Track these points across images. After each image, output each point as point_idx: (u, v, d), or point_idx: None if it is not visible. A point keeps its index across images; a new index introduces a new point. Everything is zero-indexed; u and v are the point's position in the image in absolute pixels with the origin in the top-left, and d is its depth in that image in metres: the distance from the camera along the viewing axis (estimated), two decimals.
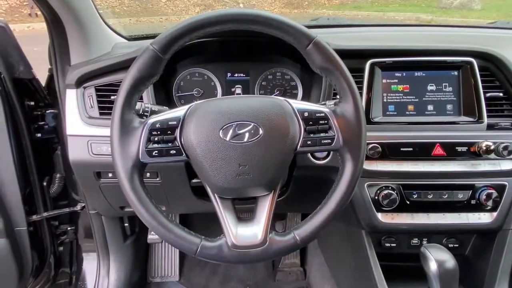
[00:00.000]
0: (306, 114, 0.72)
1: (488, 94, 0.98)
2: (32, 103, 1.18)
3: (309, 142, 0.71)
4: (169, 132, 0.69)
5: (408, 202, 0.96)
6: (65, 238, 1.41)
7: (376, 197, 0.96)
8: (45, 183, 1.27)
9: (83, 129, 0.96)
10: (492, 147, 0.93)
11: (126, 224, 1.39)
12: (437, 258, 0.83)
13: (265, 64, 1.11)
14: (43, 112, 1.22)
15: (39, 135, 1.22)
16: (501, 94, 0.99)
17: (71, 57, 1.04)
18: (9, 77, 1.07)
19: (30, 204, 1.23)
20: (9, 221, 1.16)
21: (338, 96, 0.92)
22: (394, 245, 1.07)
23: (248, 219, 0.74)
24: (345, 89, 0.71)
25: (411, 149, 0.95)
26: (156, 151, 0.69)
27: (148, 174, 1.01)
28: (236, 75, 1.11)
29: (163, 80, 1.07)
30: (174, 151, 0.70)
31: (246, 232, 0.71)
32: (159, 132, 0.69)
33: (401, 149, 0.95)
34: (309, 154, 0.96)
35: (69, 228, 1.40)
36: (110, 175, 1.01)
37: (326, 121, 0.71)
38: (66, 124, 0.97)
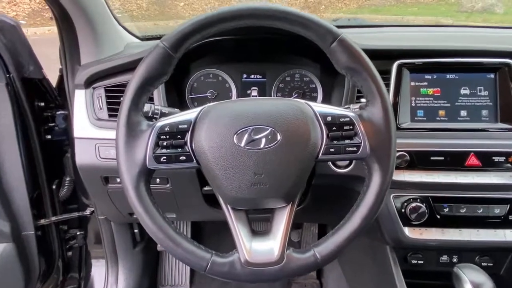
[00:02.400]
0: (329, 118, 0.65)
1: None
2: (42, 104, 1.14)
3: (332, 150, 0.64)
4: (179, 136, 0.64)
5: (438, 217, 0.88)
6: (74, 243, 1.38)
7: (403, 210, 0.88)
8: (54, 186, 1.24)
9: (91, 132, 0.92)
10: None
11: (135, 231, 1.34)
12: (473, 280, 0.75)
13: (283, 65, 1.05)
14: (53, 113, 1.18)
15: (49, 137, 1.18)
16: None
17: (81, 56, 1.00)
18: (19, 76, 1.04)
19: (38, 208, 1.19)
20: (16, 225, 1.12)
21: (362, 100, 0.86)
22: (422, 262, 0.99)
23: (264, 233, 0.67)
24: (373, 91, 0.64)
25: (442, 158, 0.87)
26: (165, 157, 0.63)
27: (157, 180, 0.95)
28: (252, 76, 1.05)
29: (175, 81, 1.02)
30: (184, 157, 0.64)
31: (261, 247, 0.65)
32: (168, 136, 0.64)
33: (431, 158, 0.87)
34: (330, 162, 0.89)
35: (78, 233, 1.36)
36: (118, 180, 0.96)
37: (351, 127, 0.64)
38: (74, 126, 0.93)
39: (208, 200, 1.01)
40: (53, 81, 1.16)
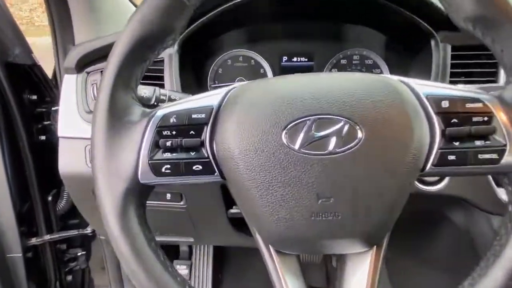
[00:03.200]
0: (445, 103, 0.38)
1: None
2: (34, 97, 0.94)
3: (452, 158, 0.38)
4: (192, 132, 0.39)
5: None
6: (75, 265, 1.16)
7: None
8: (50, 198, 1.02)
9: (80, 129, 0.69)
10: None
11: None
12: None
13: (335, 43, 0.79)
14: (49, 109, 0.97)
15: (43, 137, 0.97)
16: None
17: (75, 35, 0.79)
18: (1, 61, 0.83)
19: (29, 225, 0.98)
20: None
21: (460, 86, 0.57)
22: None
23: None
24: None
25: None
26: (169, 166, 0.39)
27: (168, 196, 0.71)
28: (294, 59, 0.80)
29: (195, 65, 0.78)
30: (200, 167, 0.39)
31: None
32: (174, 132, 0.39)
33: None
34: None
35: (79, 254, 1.14)
36: None
37: (486, 118, 0.37)
38: (58, 121, 0.70)
39: (235, 224, 0.75)
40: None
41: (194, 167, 0.39)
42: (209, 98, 0.41)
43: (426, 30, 0.65)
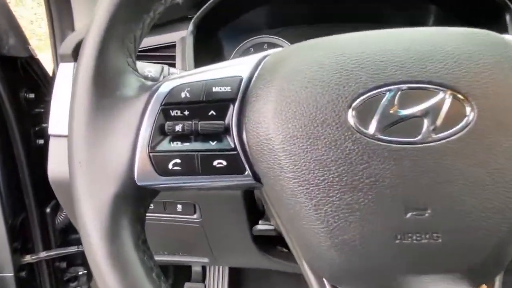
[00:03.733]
0: None
1: None
2: (32, 95, 0.84)
3: None
4: (212, 112, 0.27)
5: None
6: (75, 286, 1.04)
7: None
8: (48, 210, 0.92)
9: None
10: None
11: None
12: None
13: (377, 27, 0.66)
14: (48, 109, 0.87)
15: (41, 141, 0.88)
16: None
17: (75, 22, 0.69)
18: None
19: (23, 240, 0.88)
20: None
21: None
22: None
23: None
24: None
25: None
26: (178, 160, 0.27)
27: (179, 207, 0.58)
28: None
29: (212, 53, 0.67)
30: (223, 162, 0.27)
31: None
32: (187, 113, 0.27)
33: None
34: None
35: (80, 273, 1.03)
36: None
37: None
38: (50, 116, 0.60)
39: (259, 243, 0.62)
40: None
41: (215, 163, 0.27)
42: (236, 67, 0.29)
43: (500, 1, 0.53)
